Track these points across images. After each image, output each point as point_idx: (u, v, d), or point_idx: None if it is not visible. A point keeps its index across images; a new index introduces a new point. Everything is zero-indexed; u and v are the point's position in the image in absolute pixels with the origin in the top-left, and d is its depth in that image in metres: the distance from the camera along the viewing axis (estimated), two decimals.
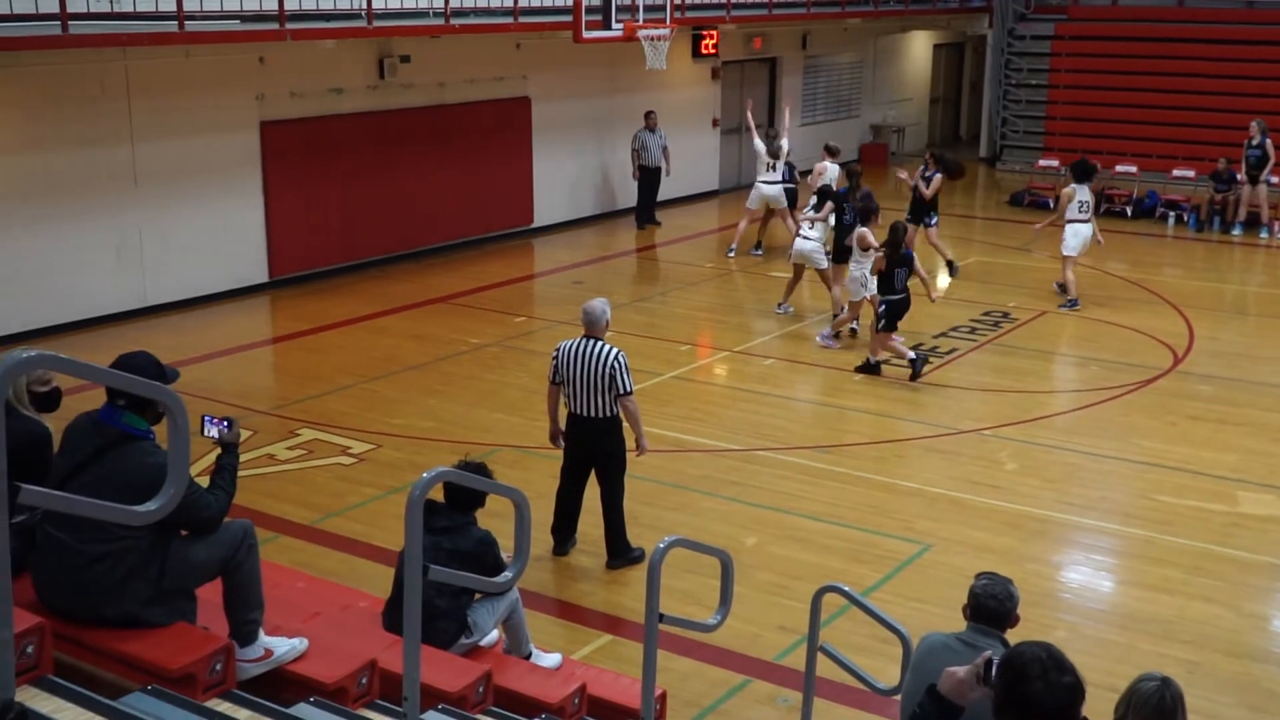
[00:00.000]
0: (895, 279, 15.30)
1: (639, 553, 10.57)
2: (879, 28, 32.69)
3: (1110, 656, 9.18)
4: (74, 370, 3.92)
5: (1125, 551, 11.35)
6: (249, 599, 6.14)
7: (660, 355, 16.26)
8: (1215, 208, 25.02)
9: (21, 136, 16.09)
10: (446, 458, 12.12)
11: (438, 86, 21.36)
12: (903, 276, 15.35)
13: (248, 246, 19.08)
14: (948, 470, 12.84)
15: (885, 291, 15.41)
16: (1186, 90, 28.91)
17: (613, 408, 10.32)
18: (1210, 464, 13.00)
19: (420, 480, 4.89)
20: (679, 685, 8.69)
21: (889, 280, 15.32)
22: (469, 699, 6.58)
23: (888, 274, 15.33)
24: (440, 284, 19.93)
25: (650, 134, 23.89)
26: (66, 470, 5.77)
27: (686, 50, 25.66)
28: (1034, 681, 4.03)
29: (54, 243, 16.58)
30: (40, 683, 5.22)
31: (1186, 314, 18.56)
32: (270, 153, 19.02)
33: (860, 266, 16.02)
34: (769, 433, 13.83)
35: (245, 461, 11.85)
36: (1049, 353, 17.13)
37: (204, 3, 16.30)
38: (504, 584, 6.23)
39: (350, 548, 10.87)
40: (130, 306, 17.59)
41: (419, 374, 15.63)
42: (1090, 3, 32.12)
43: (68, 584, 5.80)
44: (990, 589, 5.79)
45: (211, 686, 5.72)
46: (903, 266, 15.34)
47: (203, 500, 5.94)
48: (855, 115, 32.99)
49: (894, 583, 10.41)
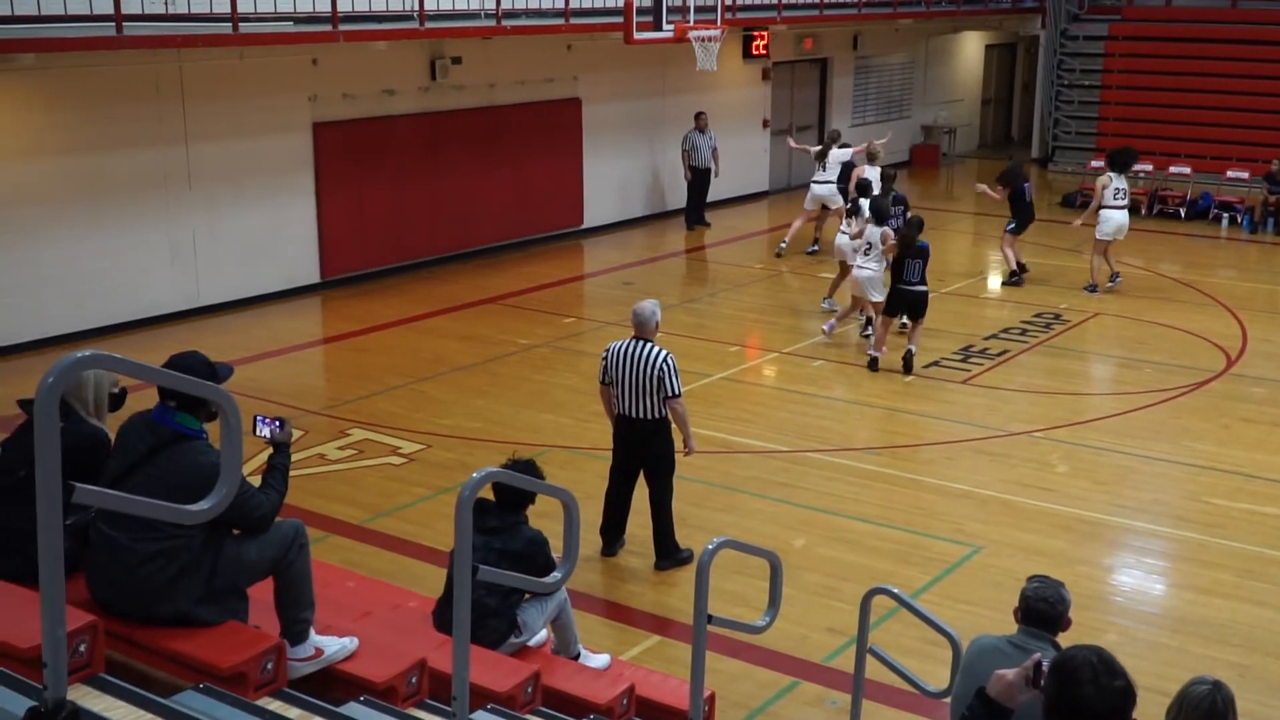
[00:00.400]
0: (905, 269, 15.44)
1: (687, 554, 10.56)
2: (930, 28, 32.55)
3: (1161, 660, 9.13)
4: (128, 370, 3.95)
5: (1177, 555, 11.27)
6: (300, 598, 6.17)
7: (709, 356, 16.25)
8: (1269, 209, 24.80)
9: (76, 138, 16.24)
10: (496, 458, 12.13)
11: (489, 88, 21.42)
12: (915, 269, 15.43)
13: (300, 247, 19.19)
14: (998, 472, 12.78)
15: (894, 280, 15.59)
16: (1240, 91, 28.65)
17: (661, 409, 10.32)
18: (1264, 467, 12.89)
19: (470, 480, 4.90)
20: (727, 687, 8.68)
21: (899, 269, 15.50)
22: (518, 699, 6.60)
23: (899, 263, 15.48)
24: (490, 285, 19.98)
25: (700, 135, 23.88)
26: (120, 469, 5.81)
27: (737, 51, 25.63)
28: (1085, 685, 4.01)
29: (109, 244, 16.73)
30: (93, 681, 5.26)
31: (1240, 316, 18.40)
32: (322, 154, 19.12)
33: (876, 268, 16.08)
34: (817, 434, 13.80)
35: (296, 461, 11.87)
36: (1100, 355, 17.03)
37: (258, 4, 16.41)
38: (553, 584, 6.23)
39: (400, 547, 10.91)
40: (183, 307, 17.73)
41: (468, 374, 15.67)
42: (1144, 3, 31.88)
43: (120, 582, 5.83)
44: (1041, 592, 5.77)
45: (263, 685, 5.75)
46: (917, 259, 15.41)
47: (255, 500, 5.97)
48: (906, 116, 32.85)
49: (943, 585, 10.37)
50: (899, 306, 15.77)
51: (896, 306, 15.79)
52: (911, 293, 15.55)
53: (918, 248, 15.41)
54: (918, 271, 15.44)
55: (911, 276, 15.47)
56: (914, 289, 15.53)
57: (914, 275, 15.46)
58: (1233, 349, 16.80)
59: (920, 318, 15.77)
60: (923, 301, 15.67)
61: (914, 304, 15.67)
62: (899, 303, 15.71)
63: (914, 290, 15.54)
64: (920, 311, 15.72)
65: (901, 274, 15.52)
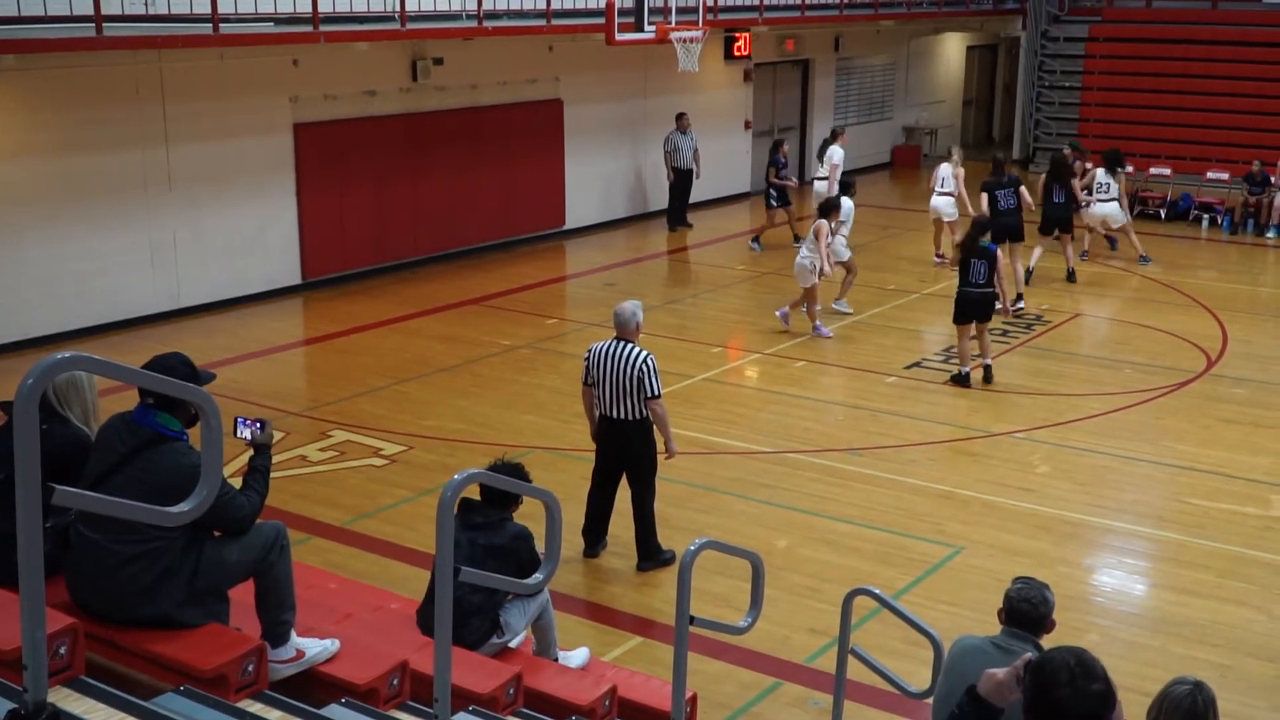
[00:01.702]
0: (970, 270, 15.07)
1: (670, 555, 10.57)
2: (912, 30, 32.62)
3: (1142, 660, 9.16)
4: (109, 372, 3.93)
5: (1158, 555, 11.30)
6: (282, 600, 6.16)
7: (691, 357, 16.26)
8: (1249, 210, 24.88)
9: (56, 139, 16.19)
10: (478, 459, 12.14)
11: (470, 89, 21.41)
12: (980, 270, 15.05)
13: (281, 248, 19.16)
14: (979, 473, 12.81)
15: (960, 283, 15.24)
16: (1220, 93, 28.78)
17: (643, 410, 10.32)
18: (1244, 467, 12.94)
19: (452, 482, 4.89)
20: (710, 687, 8.68)
21: (964, 272, 15.14)
22: (500, 700, 6.59)
23: (964, 265, 15.16)
24: (472, 286, 19.97)
25: (682, 136, 23.91)
26: (100, 471, 5.78)
27: (719, 52, 25.65)
28: (1061, 688, 4.01)
29: (89, 245, 16.68)
30: (73, 684, 5.24)
31: (1220, 317, 18.46)
32: (304, 155, 19.09)
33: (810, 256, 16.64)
34: (800, 435, 13.81)
35: (277, 463, 11.91)
36: (1082, 355, 17.06)
37: (238, 5, 16.37)
38: (535, 586, 6.24)
39: (382, 549, 10.90)
40: (164, 308, 17.69)
41: (450, 376, 15.66)
42: (1124, 4, 31.98)
43: (102, 585, 5.82)
44: (1025, 593, 5.78)
45: (243, 687, 5.74)
46: (981, 260, 15.05)
47: (236, 501, 5.95)
48: (888, 117, 32.93)
49: (925, 585, 10.39)
50: (967, 311, 15.20)
51: (964, 312, 15.22)
52: (976, 294, 15.09)
53: (981, 249, 15.11)
54: (983, 273, 15.02)
55: (977, 278, 15.05)
56: (979, 291, 15.08)
57: (979, 277, 15.03)
58: (1213, 350, 16.85)
59: (985, 321, 15.33)
60: (988, 304, 15.20)
61: (979, 306, 15.16)
62: (966, 307, 15.19)
63: (979, 292, 15.08)
64: (986, 314, 15.27)
65: (967, 275, 15.11)
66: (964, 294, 15.18)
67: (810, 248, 16.74)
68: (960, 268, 15.23)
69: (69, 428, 6.08)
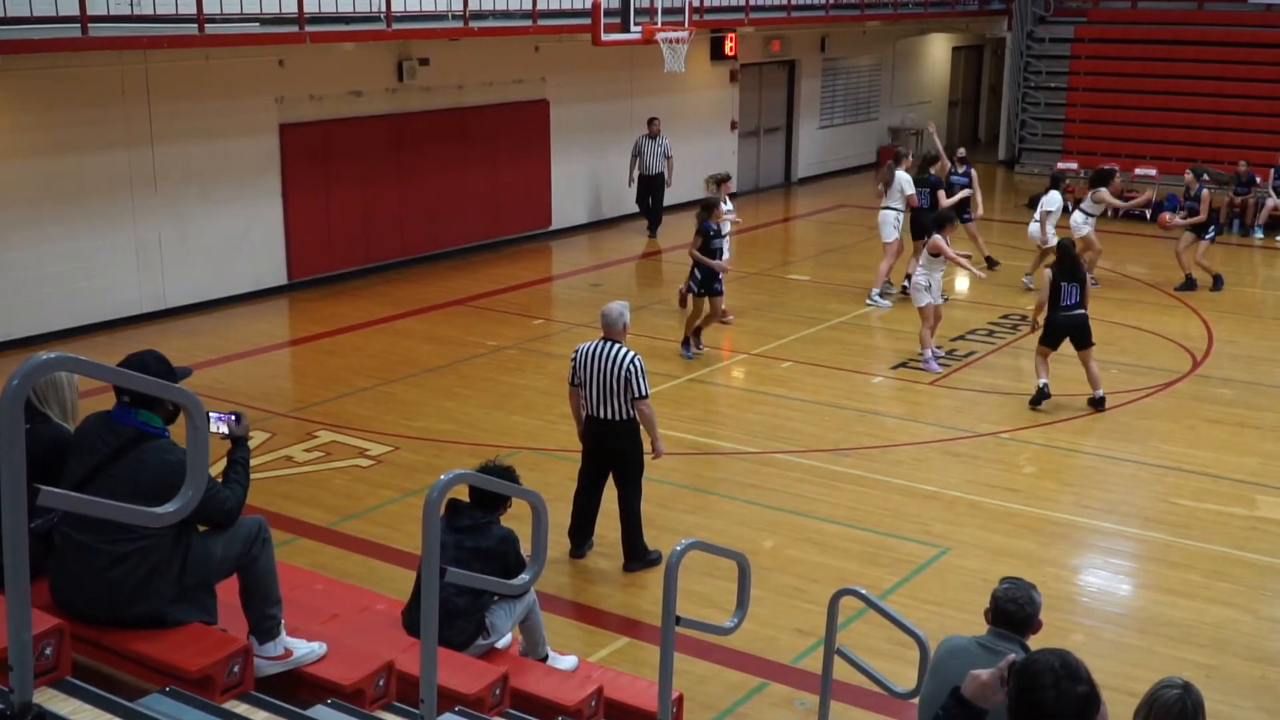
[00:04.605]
0: (1063, 293, 14.41)
1: (656, 555, 10.57)
2: (898, 30, 32.67)
3: (1128, 660, 9.17)
4: (94, 373, 3.93)
5: (1144, 555, 11.31)
6: (268, 594, 6.16)
7: (678, 358, 16.26)
8: (1234, 211, 24.94)
9: (42, 140, 16.15)
10: (465, 460, 12.14)
11: (456, 89, 21.40)
12: (1073, 292, 14.44)
13: (267, 249, 19.13)
14: (966, 473, 12.82)
15: (1051, 307, 14.56)
16: (1206, 93, 28.86)
17: (629, 410, 10.32)
18: (1230, 468, 12.96)
19: (438, 483, 4.88)
20: (696, 688, 8.68)
21: (1055, 295, 14.48)
22: (486, 701, 6.59)
23: (1054, 288, 14.46)
24: (458, 286, 19.96)
25: (651, 141, 23.71)
26: (84, 471, 5.76)
27: (705, 53, 25.67)
28: (1046, 690, 4.01)
29: (74, 246, 16.65)
30: (59, 684, 5.23)
31: (1205, 317, 18.51)
32: (289, 155, 19.07)
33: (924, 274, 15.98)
34: (787, 435, 13.82)
35: (263, 463, 11.93)
36: (1067, 356, 17.05)
37: (224, 5, 16.35)
38: (521, 587, 6.23)
39: (368, 550, 10.88)
40: (150, 309, 17.66)
41: (437, 376, 15.65)
42: (1110, 6, 32.05)
43: (92, 585, 5.79)
44: (1011, 594, 5.77)
45: (229, 688, 5.72)
46: (1074, 282, 14.44)
47: (220, 495, 5.95)
48: (874, 118, 32.98)
49: (911, 586, 10.40)
50: (1058, 334, 14.58)
51: (1055, 335, 14.61)
52: (1070, 318, 14.45)
53: (1071, 270, 14.50)
54: (1076, 294, 14.42)
55: (1069, 300, 14.42)
56: (1072, 314, 14.44)
57: (1072, 299, 14.43)
58: (1198, 350, 16.89)
59: (1086, 345, 14.58)
60: (1082, 326, 14.51)
61: (1075, 329, 14.52)
62: (1057, 330, 14.56)
63: (1072, 315, 14.44)
64: (1083, 338, 14.54)
65: (1058, 299, 14.45)
66: (1056, 319, 14.55)
67: (926, 264, 15.98)
68: (1052, 290, 14.52)
69: (50, 425, 6.06)
